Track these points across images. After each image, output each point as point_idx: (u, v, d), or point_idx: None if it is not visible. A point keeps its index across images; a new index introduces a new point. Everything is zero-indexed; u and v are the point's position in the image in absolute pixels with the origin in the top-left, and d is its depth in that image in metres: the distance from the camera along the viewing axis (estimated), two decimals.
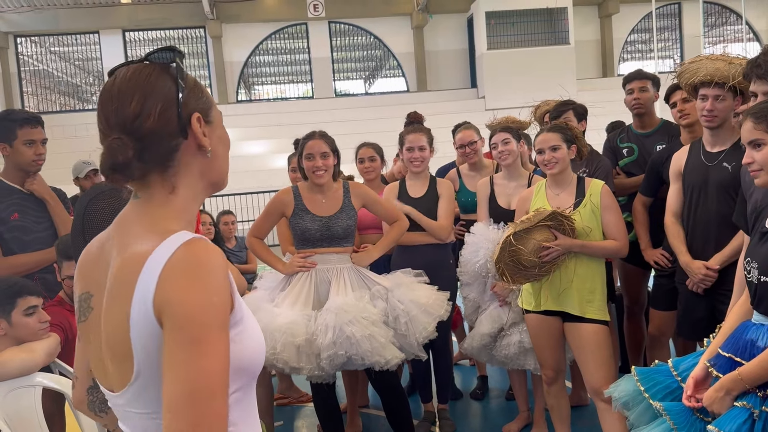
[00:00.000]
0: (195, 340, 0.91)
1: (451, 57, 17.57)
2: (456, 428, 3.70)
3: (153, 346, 0.95)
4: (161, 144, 1.03)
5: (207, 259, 0.96)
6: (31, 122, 2.83)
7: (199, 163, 1.08)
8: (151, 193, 1.06)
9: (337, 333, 2.86)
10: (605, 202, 2.91)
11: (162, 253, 0.96)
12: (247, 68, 17.68)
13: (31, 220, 2.81)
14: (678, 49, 18.65)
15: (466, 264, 3.40)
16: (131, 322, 0.96)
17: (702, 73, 2.81)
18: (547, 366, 3.08)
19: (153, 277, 0.94)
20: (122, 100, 1.02)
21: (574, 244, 2.86)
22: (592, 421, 3.56)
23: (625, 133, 3.86)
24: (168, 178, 1.05)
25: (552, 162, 2.94)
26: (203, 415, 0.89)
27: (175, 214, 1.06)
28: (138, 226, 1.04)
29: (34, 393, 2.26)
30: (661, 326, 3.41)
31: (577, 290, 2.90)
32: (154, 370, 0.96)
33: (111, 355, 1.02)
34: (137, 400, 1.00)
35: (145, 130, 1.01)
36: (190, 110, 1.05)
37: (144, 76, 1.04)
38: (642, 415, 2.22)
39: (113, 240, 1.07)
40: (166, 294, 0.93)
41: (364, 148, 3.95)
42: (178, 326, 0.92)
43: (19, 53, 17.09)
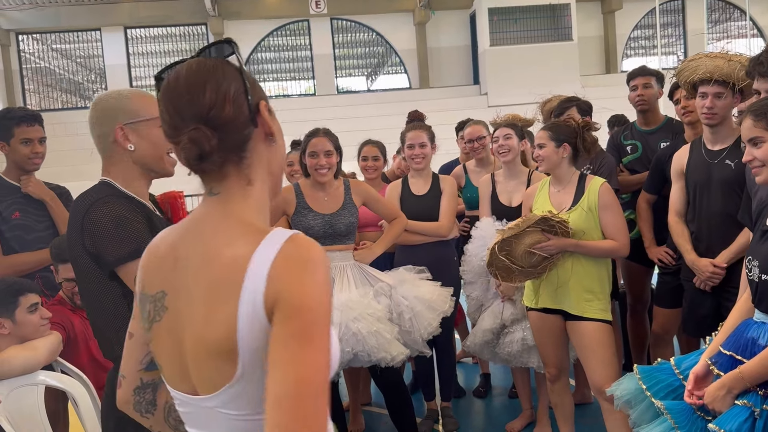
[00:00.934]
0: (308, 334, 0.91)
1: (454, 53, 17.53)
2: (459, 426, 3.70)
3: (260, 344, 0.94)
4: (236, 133, 1.03)
5: (314, 253, 0.97)
6: (28, 120, 2.82)
7: (267, 153, 1.08)
8: (229, 187, 1.05)
9: (343, 330, 2.86)
10: (603, 201, 2.87)
11: (267, 251, 0.96)
12: (249, 65, 17.65)
13: (32, 219, 2.81)
14: (681, 46, 18.59)
15: (472, 258, 3.39)
16: (239, 320, 0.95)
17: (701, 70, 2.82)
18: (549, 363, 3.07)
19: (262, 274, 0.94)
20: (194, 91, 1.01)
21: (568, 243, 2.84)
22: (595, 419, 3.55)
23: (629, 130, 3.85)
24: (243, 169, 1.05)
25: (539, 159, 2.99)
26: (312, 410, 0.89)
27: (256, 207, 1.06)
28: (223, 223, 1.03)
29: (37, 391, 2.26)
30: (665, 324, 3.40)
31: (575, 289, 2.88)
32: (257, 369, 0.96)
33: (207, 356, 0.99)
34: (235, 401, 0.99)
35: (222, 119, 1.01)
36: (258, 98, 1.05)
37: (210, 67, 1.03)
38: (644, 413, 2.21)
39: (193, 237, 1.05)
40: (279, 288, 0.93)
41: (369, 147, 3.94)
42: (291, 318, 0.92)
43: (21, 50, 17.09)
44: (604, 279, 2.93)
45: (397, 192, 3.66)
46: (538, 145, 2.97)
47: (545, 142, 2.95)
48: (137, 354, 1.21)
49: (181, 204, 1.96)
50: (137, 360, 1.21)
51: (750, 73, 2.41)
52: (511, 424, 3.66)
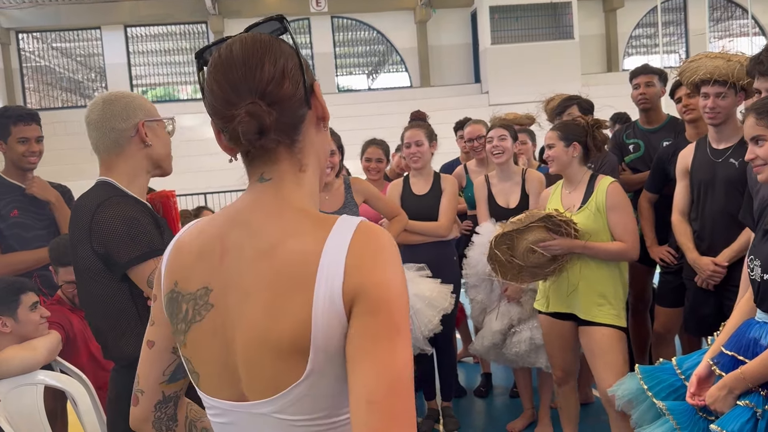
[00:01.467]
0: (393, 326, 0.86)
1: (455, 52, 17.51)
2: (460, 426, 3.69)
3: (335, 340, 0.88)
4: (292, 112, 0.95)
5: (388, 240, 0.92)
6: (24, 119, 2.81)
7: (318, 138, 1.01)
8: (282, 172, 0.97)
9: None
10: (611, 201, 2.79)
11: (339, 240, 0.89)
12: None
13: (31, 217, 2.80)
14: (683, 44, 18.56)
15: (475, 264, 3.37)
16: (314, 315, 0.88)
17: (702, 71, 2.83)
18: (557, 367, 3.06)
19: (338, 266, 0.88)
20: (252, 64, 0.93)
21: (575, 244, 2.77)
22: (597, 418, 3.55)
23: (631, 129, 3.83)
24: (296, 153, 0.98)
25: (549, 159, 2.95)
26: (402, 405, 0.84)
27: (309, 195, 0.99)
28: (279, 212, 0.95)
29: (36, 391, 2.25)
30: (667, 323, 3.39)
31: (586, 293, 2.82)
32: (328, 367, 0.89)
33: (269, 355, 0.91)
34: (297, 404, 0.91)
35: (280, 95, 0.93)
36: (311, 78, 0.98)
37: (267, 42, 0.96)
38: (645, 413, 2.21)
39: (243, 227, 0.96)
40: (359, 280, 0.87)
41: (373, 148, 3.92)
42: (375, 311, 0.86)
43: (21, 49, 17.08)
44: (617, 284, 2.84)
45: (398, 191, 3.65)
46: (548, 146, 2.93)
47: (554, 142, 2.90)
48: (160, 364, 1.09)
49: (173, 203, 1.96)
50: (160, 371, 1.10)
51: (750, 72, 2.42)
52: (512, 424, 3.65)
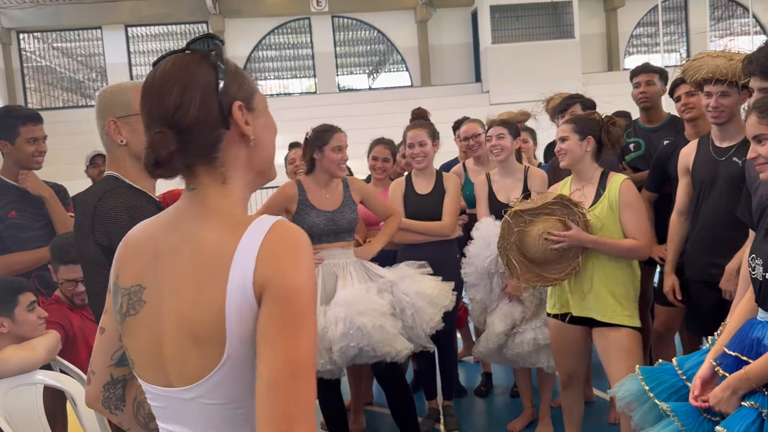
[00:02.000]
0: (299, 315, 0.93)
1: (455, 51, 17.49)
2: (460, 425, 3.68)
3: (248, 328, 0.95)
4: (204, 136, 1.01)
5: (300, 237, 0.99)
6: (33, 119, 2.82)
7: (245, 153, 1.06)
8: (204, 184, 1.04)
9: (348, 324, 2.86)
10: (624, 198, 2.75)
11: (253, 236, 0.97)
12: (250, 63, 17.63)
13: (28, 218, 2.79)
14: (684, 43, 18.54)
15: (474, 259, 3.36)
16: (227, 305, 0.95)
17: (704, 70, 2.83)
18: (562, 372, 3.04)
19: (250, 258, 0.95)
20: (162, 92, 1.01)
21: (587, 238, 2.70)
22: (598, 417, 3.54)
23: (632, 128, 3.82)
24: (217, 168, 1.04)
25: (560, 153, 2.88)
26: (304, 389, 0.90)
27: (236, 202, 1.05)
28: (204, 214, 1.03)
29: (35, 391, 2.25)
30: (667, 322, 3.39)
31: (601, 295, 2.75)
32: (243, 354, 0.96)
33: (191, 344, 0.99)
34: (217, 389, 0.98)
35: (186, 122, 1.00)
36: (231, 99, 1.03)
37: (183, 66, 1.02)
38: (647, 414, 2.19)
39: (173, 230, 1.05)
40: (268, 271, 0.94)
41: (380, 147, 3.89)
42: (282, 300, 0.93)
43: (22, 49, 17.08)
44: (629, 283, 2.81)
45: (400, 190, 3.64)
46: (561, 138, 2.86)
47: (568, 135, 2.83)
48: (109, 349, 1.19)
49: None
50: (108, 355, 1.20)
51: (744, 71, 2.42)
52: (512, 424, 3.64)
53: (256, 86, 1.10)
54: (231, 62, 1.06)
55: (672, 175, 3.29)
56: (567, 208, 2.75)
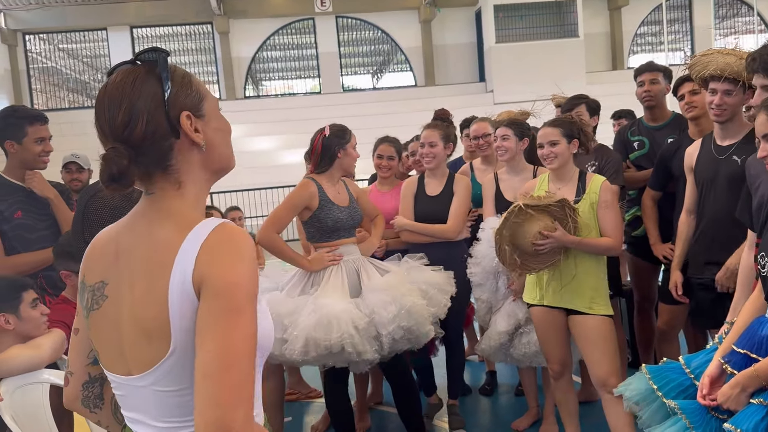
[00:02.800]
0: (234, 308, 0.97)
1: (459, 51, 17.48)
2: (465, 424, 3.68)
3: (190, 321, 1.01)
4: (155, 147, 1.07)
5: (240, 237, 1.04)
6: (40, 120, 2.83)
7: (198, 158, 1.12)
8: (162, 189, 1.10)
9: (398, 306, 2.94)
10: (604, 198, 2.88)
11: (197, 235, 1.03)
12: (254, 64, 17.67)
13: (34, 218, 2.79)
14: (689, 42, 18.48)
15: (481, 259, 3.36)
16: (170, 300, 1.01)
17: (712, 67, 2.81)
18: (553, 360, 3.06)
19: (191, 256, 1.01)
20: (112, 109, 1.06)
21: (571, 240, 2.84)
22: (601, 417, 3.52)
23: (636, 126, 3.81)
24: (171, 174, 1.10)
25: (551, 157, 2.93)
26: (237, 379, 0.95)
27: (191, 204, 1.11)
28: (161, 217, 1.09)
29: (42, 390, 2.25)
30: (671, 320, 3.39)
31: (582, 287, 2.90)
32: (187, 345, 1.01)
33: (142, 336, 1.05)
34: (166, 377, 1.05)
35: (136, 138, 1.05)
36: (179, 109, 1.08)
37: (130, 82, 1.07)
38: (655, 413, 2.18)
39: (131, 231, 1.12)
40: (205, 268, 1.00)
41: (385, 145, 3.88)
42: (217, 295, 0.98)
43: (28, 50, 17.15)
44: (604, 275, 2.97)
45: (411, 191, 3.64)
46: (551, 143, 2.92)
47: (559, 139, 2.91)
48: (84, 348, 1.26)
49: None
50: (84, 354, 1.26)
51: (748, 69, 2.42)
52: (517, 422, 3.64)
53: (206, 91, 1.14)
54: (179, 71, 1.11)
55: (675, 173, 3.28)
56: (563, 212, 2.84)
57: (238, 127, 16.05)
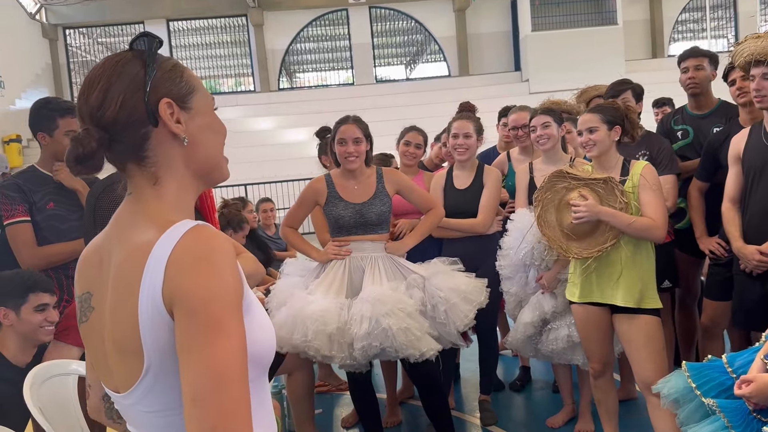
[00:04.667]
0: (211, 325, 0.88)
1: (494, 40, 17.26)
2: (498, 420, 3.61)
3: (163, 339, 0.92)
4: (129, 133, 1.00)
5: (214, 242, 0.94)
6: (71, 112, 2.81)
7: (179, 152, 1.03)
8: (138, 187, 1.03)
9: (373, 324, 2.80)
10: (644, 180, 2.72)
11: (166, 242, 0.93)
12: (288, 56, 17.74)
13: (66, 209, 2.81)
14: (732, 28, 17.90)
15: (509, 251, 3.27)
16: (140, 316, 0.93)
17: (746, 53, 2.73)
18: (594, 359, 2.95)
19: (159, 267, 0.92)
20: (89, 90, 1.00)
21: (603, 210, 2.67)
22: (640, 415, 3.43)
23: (680, 115, 3.66)
24: (147, 168, 1.02)
25: (589, 144, 2.81)
26: (230, 400, 0.87)
27: (170, 206, 1.02)
28: (135, 220, 1.01)
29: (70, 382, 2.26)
30: (715, 317, 3.26)
31: (632, 281, 2.74)
32: (164, 364, 0.94)
33: (117, 353, 0.98)
34: (146, 397, 0.97)
35: (107, 120, 0.99)
36: (159, 96, 1.00)
37: (113, 63, 1.01)
38: (693, 413, 2.10)
39: (112, 238, 1.04)
40: (175, 282, 0.90)
41: (413, 133, 3.87)
42: (192, 312, 0.89)
43: (68, 44, 17.53)
44: (652, 268, 2.81)
45: (440, 184, 3.58)
46: (589, 129, 2.80)
47: (597, 125, 2.78)
48: None
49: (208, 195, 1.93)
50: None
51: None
52: (552, 419, 3.56)
53: (200, 86, 1.06)
54: (170, 60, 1.05)
55: (724, 163, 3.14)
56: (611, 192, 2.69)
57: (271, 118, 16.16)
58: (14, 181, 2.80)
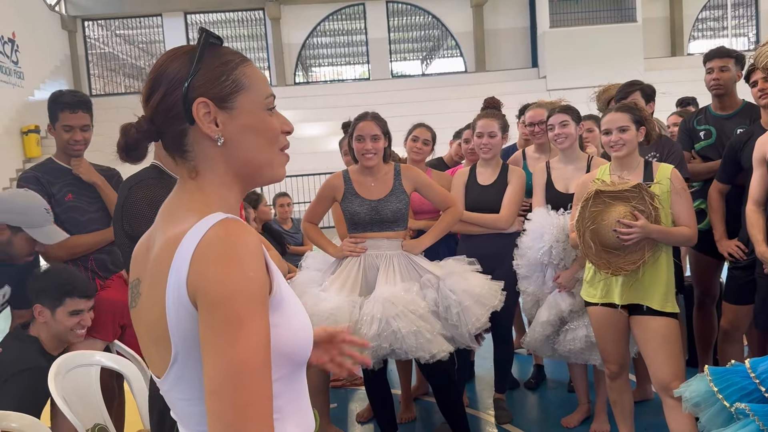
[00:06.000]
0: (232, 319, 0.89)
1: (512, 36, 17.17)
2: (513, 418, 3.61)
3: (189, 329, 0.93)
4: (170, 127, 1.03)
5: (239, 236, 0.94)
6: (71, 107, 2.79)
7: (216, 151, 1.04)
8: (182, 178, 1.06)
9: (383, 326, 2.80)
10: (676, 186, 2.72)
11: (195, 233, 0.94)
12: (304, 50, 17.76)
13: (85, 201, 2.83)
14: (754, 27, 17.67)
15: (527, 251, 3.26)
16: (167, 305, 0.94)
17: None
18: (611, 360, 2.94)
19: (186, 257, 0.93)
20: (146, 80, 1.05)
21: (655, 229, 2.66)
22: (656, 416, 3.41)
23: (703, 115, 3.63)
24: (188, 161, 1.04)
25: (619, 144, 2.78)
26: (247, 395, 0.88)
27: (207, 198, 1.04)
28: (177, 211, 1.03)
29: (94, 372, 2.29)
30: (735, 320, 3.23)
31: (657, 282, 2.74)
32: (191, 353, 0.95)
33: (150, 340, 1.02)
34: (177, 385, 0.99)
35: (150, 111, 1.03)
36: (197, 94, 1.01)
37: (167, 56, 1.04)
38: (715, 417, 2.08)
39: (159, 226, 1.06)
40: (199, 274, 0.91)
41: (421, 129, 3.84)
42: (213, 305, 0.89)
43: (87, 36, 17.67)
44: (672, 270, 2.80)
45: (462, 180, 3.56)
46: (620, 129, 2.78)
47: (629, 125, 2.77)
48: None
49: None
50: None
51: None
52: (567, 419, 3.54)
53: (250, 85, 1.05)
54: (224, 57, 1.04)
55: (745, 165, 3.11)
56: (641, 199, 2.67)
57: (287, 113, 16.18)
58: (33, 173, 2.82)
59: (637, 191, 2.66)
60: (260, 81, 1.07)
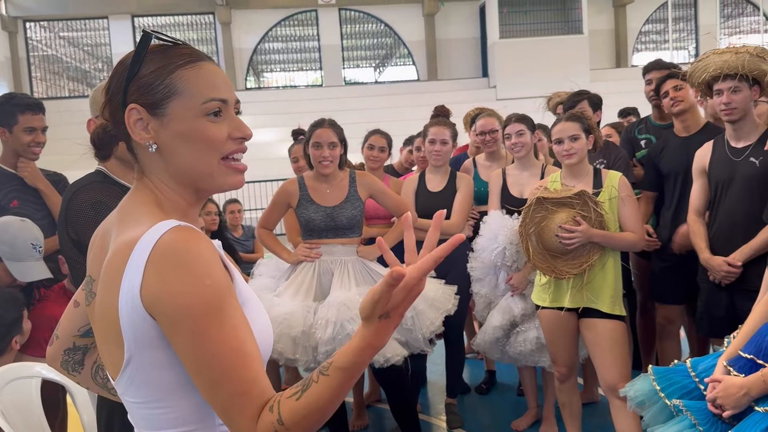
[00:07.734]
0: (197, 331, 0.90)
1: (463, 45, 17.42)
2: (464, 423, 3.64)
3: (142, 335, 0.94)
4: (118, 130, 1.04)
5: (192, 244, 0.93)
6: (33, 108, 2.76)
7: (154, 157, 1.02)
8: (135, 178, 1.07)
9: (338, 329, 2.80)
10: (624, 193, 2.83)
11: (147, 241, 0.93)
12: (256, 55, 17.60)
13: (31, 208, 2.75)
14: (693, 40, 18.42)
15: (481, 253, 3.30)
16: (120, 312, 0.94)
17: (711, 68, 2.79)
18: (560, 363, 3.00)
19: (139, 267, 0.92)
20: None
21: (597, 234, 2.76)
22: (603, 418, 3.49)
23: (644, 124, 3.78)
24: (137, 163, 1.06)
25: (571, 152, 2.86)
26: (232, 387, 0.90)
27: (158, 199, 1.03)
28: (131, 209, 1.03)
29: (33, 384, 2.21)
30: (669, 315, 3.44)
31: (605, 286, 2.82)
32: (144, 358, 0.95)
33: (104, 342, 1.01)
34: (129, 389, 0.99)
35: (103, 112, 1.06)
36: (131, 100, 1.00)
37: (119, 62, 1.05)
38: (657, 415, 2.15)
39: (113, 225, 1.05)
40: (154, 288, 0.91)
41: (377, 136, 3.85)
42: (175, 322, 0.90)
43: (28, 38, 17.07)
44: (620, 274, 2.89)
45: (412, 187, 3.59)
46: (572, 137, 2.86)
47: (579, 134, 2.86)
48: (78, 322, 1.24)
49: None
50: (75, 327, 1.24)
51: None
52: (517, 422, 3.60)
53: (185, 89, 0.99)
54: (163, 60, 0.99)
55: (664, 172, 3.34)
56: (585, 204, 2.76)
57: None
58: None
59: (580, 198, 2.75)
60: (201, 85, 1.00)
